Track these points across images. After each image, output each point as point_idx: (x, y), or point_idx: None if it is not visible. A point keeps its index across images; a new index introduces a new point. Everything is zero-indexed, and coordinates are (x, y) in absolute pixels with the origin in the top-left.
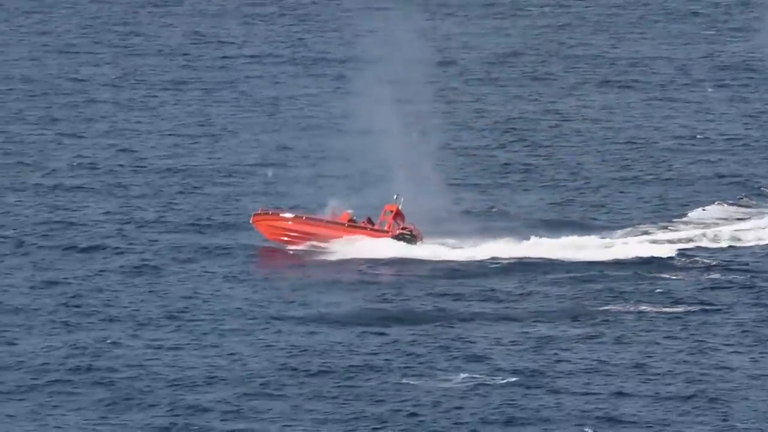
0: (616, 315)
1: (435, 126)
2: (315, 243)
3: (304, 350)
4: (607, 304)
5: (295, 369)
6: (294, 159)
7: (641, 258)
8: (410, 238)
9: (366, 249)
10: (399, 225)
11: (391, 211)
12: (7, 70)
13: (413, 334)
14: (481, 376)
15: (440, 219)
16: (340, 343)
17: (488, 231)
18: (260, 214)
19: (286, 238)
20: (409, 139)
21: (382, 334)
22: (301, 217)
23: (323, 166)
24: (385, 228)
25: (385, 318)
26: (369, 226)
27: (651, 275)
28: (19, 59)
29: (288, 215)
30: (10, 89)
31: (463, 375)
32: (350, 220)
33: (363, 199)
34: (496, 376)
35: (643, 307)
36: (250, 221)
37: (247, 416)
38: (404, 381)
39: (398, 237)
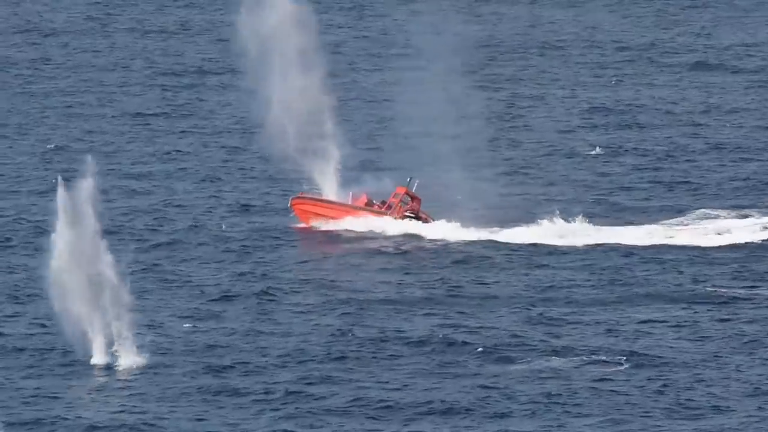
0: (724, 297)
1: (526, 110)
2: (328, 221)
3: (396, 331)
4: (715, 287)
5: (386, 349)
6: (385, 145)
7: (749, 242)
8: (415, 219)
9: (372, 228)
10: (407, 206)
11: (399, 194)
12: (110, 60)
13: (503, 317)
14: (583, 360)
15: (523, 203)
16: (432, 323)
17: (585, 216)
18: (299, 196)
19: (311, 218)
20: (500, 124)
21: (470, 315)
22: (314, 198)
23: (412, 149)
24: (392, 210)
25: (473, 300)
26: (379, 208)
27: (760, 257)
28: (123, 47)
29: (305, 196)
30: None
31: (563, 359)
32: (367, 203)
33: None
34: (599, 358)
35: (756, 291)
36: (290, 204)
37: (339, 391)
38: (499, 363)
39: (403, 218)
